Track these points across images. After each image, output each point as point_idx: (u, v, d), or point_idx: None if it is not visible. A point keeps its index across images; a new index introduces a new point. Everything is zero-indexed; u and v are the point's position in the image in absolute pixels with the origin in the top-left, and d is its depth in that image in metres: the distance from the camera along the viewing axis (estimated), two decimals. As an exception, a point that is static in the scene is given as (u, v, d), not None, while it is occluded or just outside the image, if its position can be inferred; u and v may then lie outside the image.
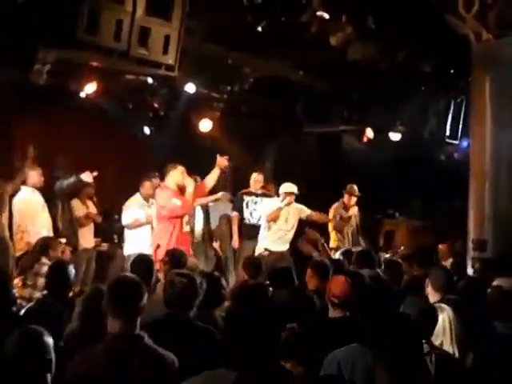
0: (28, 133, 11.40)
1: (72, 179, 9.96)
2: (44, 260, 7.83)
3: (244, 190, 11.32)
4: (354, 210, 11.70)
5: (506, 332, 5.25)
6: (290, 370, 3.88)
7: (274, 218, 10.46)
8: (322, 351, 4.27)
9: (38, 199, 9.56)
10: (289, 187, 10.58)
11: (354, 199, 11.59)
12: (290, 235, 10.71)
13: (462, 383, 4.01)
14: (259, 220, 10.92)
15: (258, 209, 11.08)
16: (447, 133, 13.66)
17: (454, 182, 12.13)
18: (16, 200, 9.43)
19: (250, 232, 10.99)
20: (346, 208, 11.63)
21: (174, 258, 6.87)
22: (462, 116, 13.50)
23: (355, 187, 11.58)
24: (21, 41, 8.05)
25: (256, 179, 11.35)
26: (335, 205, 11.60)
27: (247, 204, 11.24)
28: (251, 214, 11.21)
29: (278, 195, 10.69)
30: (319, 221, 11.03)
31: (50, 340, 3.83)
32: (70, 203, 10.18)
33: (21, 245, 9.11)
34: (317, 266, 6.89)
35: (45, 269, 7.78)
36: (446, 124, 13.57)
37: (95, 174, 9.92)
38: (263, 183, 11.36)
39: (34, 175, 9.65)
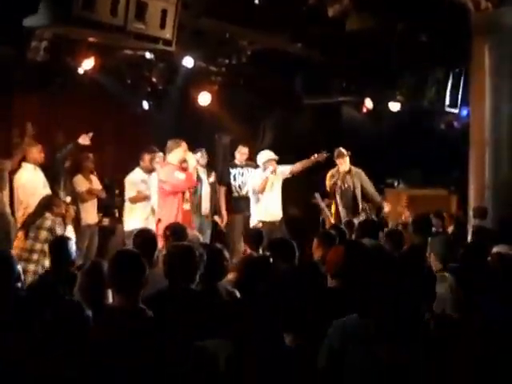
0: (26, 110, 11.40)
1: (69, 146, 9.98)
2: (47, 215, 7.94)
3: (230, 163, 11.41)
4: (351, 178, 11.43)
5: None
6: (291, 342, 3.90)
7: (262, 189, 10.49)
8: (322, 322, 4.29)
9: (38, 176, 9.58)
10: (268, 155, 10.59)
11: (346, 160, 11.32)
12: (279, 202, 10.73)
13: (462, 348, 4.03)
14: (248, 192, 10.95)
15: (245, 181, 11.11)
16: (447, 102, 13.63)
17: (454, 151, 12.15)
18: (17, 176, 9.46)
19: (241, 204, 11.04)
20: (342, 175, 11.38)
21: (175, 231, 6.91)
22: (461, 85, 13.46)
23: (341, 149, 11.35)
24: (17, 17, 8.01)
25: (241, 151, 11.40)
26: (329, 174, 11.43)
27: (234, 177, 11.29)
28: (239, 186, 11.25)
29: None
30: (305, 167, 10.96)
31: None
32: (72, 179, 10.21)
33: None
34: (323, 236, 6.92)
35: (48, 223, 7.93)
36: (445, 93, 13.53)
37: (91, 134, 9.89)
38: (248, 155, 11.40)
39: (34, 152, 9.66)
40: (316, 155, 10.90)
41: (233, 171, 11.33)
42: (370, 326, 3.80)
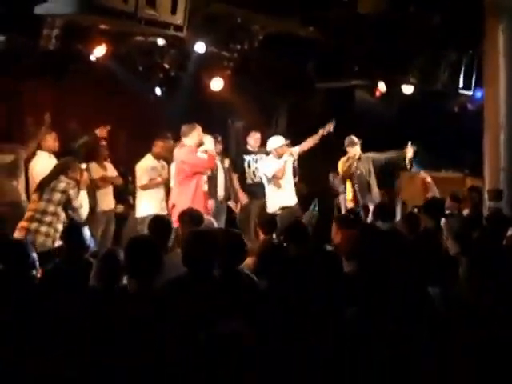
0: (39, 98, 11.41)
1: (85, 136, 10.02)
2: (62, 178, 7.99)
3: (243, 150, 11.36)
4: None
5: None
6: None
7: (282, 174, 10.46)
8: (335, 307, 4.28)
9: (53, 163, 9.60)
10: (280, 141, 10.55)
11: (357, 148, 11.35)
12: (293, 185, 10.72)
13: (467, 331, 4.01)
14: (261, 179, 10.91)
15: (258, 167, 11.07)
16: (460, 84, 13.53)
17: (468, 134, 12.07)
18: (32, 165, 9.49)
19: (256, 191, 11.02)
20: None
21: (192, 216, 6.90)
22: (475, 67, 13.36)
23: (353, 137, 11.38)
24: (28, 5, 8.01)
25: (254, 137, 11.37)
26: (341, 161, 11.44)
27: (249, 163, 11.26)
28: (254, 173, 11.22)
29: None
30: (313, 144, 10.93)
31: None
32: (87, 166, 10.22)
33: None
34: (341, 220, 6.91)
35: (62, 185, 8.01)
36: (458, 75, 13.43)
37: (108, 128, 9.94)
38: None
39: (49, 140, 9.69)
40: (322, 129, 10.90)
41: (247, 158, 11.30)
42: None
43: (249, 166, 11.27)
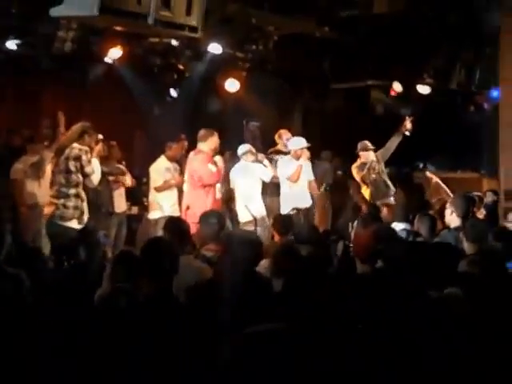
0: (56, 100, 11.48)
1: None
2: (75, 145, 8.00)
3: (272, 149, 11.25)
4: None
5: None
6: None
7: (297, 177, 10.40)
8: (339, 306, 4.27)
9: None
10: (301, 142, 10.47)
11: (370, 154, 11.28)
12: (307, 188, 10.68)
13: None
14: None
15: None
16: (476, 83, 13.47)
17: (484, 133, 12.02)
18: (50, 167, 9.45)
19: (276, 190, 10.97)
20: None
21: (218, 218, 6.88)
22: (490, 66, 13.30)
23: (367, 142, 11.29)
24: (43, 8, 8.05)
25: (286, 136, 11.21)
26: (354, 168, 11.36)
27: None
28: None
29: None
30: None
31: None
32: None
33: None
34: (365, 220, 6.93)
35: (75, 152, 7.98)
36: (474, 75, 13.38)
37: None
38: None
39: None
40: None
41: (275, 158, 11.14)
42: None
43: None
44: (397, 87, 13.50)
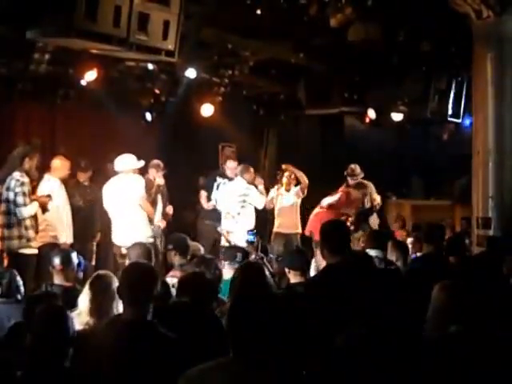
0: (30, 122, 11.43)
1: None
2: (14, 174, 8.21)
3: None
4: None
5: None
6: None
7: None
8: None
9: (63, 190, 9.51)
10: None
11: (359, 179, 11.35)
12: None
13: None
14: None
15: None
16: (449, 111, 13.60)
17: (457, 161, 12.10)
18: (43, 189, 9.24)
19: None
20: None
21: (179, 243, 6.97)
22: (464, 94, 13.43)
23: (353, 166, 11.33)
24: (19, 30, 8.02)
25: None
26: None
27: None
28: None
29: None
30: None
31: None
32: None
33: (45, 237, 9.01)
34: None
35: (13, 183, 8.12)
36: (447, 103, 13.50)
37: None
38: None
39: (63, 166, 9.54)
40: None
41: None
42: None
43: None
44: (371, 114, 13.59)
